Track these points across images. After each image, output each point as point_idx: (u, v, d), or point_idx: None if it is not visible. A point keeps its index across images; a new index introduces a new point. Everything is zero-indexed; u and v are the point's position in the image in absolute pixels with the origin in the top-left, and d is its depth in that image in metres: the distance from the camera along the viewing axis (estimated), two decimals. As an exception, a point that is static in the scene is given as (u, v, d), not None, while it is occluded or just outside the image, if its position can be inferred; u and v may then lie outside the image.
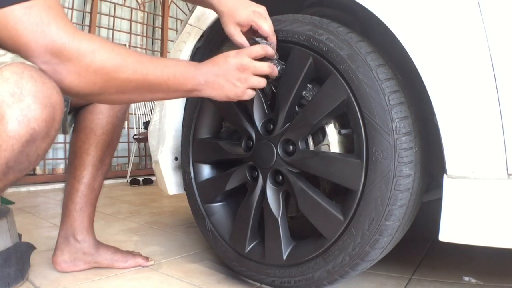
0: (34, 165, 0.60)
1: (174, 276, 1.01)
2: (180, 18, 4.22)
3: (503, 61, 0.62)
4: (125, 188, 2.99)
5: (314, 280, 0.81)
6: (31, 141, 0.54)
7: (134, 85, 0.66)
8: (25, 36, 0.55)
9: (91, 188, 1.03)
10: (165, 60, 0.73)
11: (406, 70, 0.75)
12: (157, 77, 0.68)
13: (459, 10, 0.65)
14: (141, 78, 0.66)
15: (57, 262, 1.00)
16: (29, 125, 0.53)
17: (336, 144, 0.84)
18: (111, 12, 3.64)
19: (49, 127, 0.56)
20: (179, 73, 0.71)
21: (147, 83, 0.67)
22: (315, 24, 0.83)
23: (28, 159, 0.56)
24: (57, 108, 0.57)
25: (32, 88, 0.53)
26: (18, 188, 2.75)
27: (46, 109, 0.54)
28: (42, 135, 0.55)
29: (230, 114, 0.98)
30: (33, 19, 0.55)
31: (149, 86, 0.68)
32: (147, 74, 0.66)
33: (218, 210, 1.04)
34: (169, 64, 0.71)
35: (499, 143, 0.62)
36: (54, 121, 0.57)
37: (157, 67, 0.68)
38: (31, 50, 0.56)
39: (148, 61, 0.67)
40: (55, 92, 0.56)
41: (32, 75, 0.53)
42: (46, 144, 0.57)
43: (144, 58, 0.67)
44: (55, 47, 0.56)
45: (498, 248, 0.65)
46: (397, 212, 0.72)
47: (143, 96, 0.72)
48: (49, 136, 0.57)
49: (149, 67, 0.67)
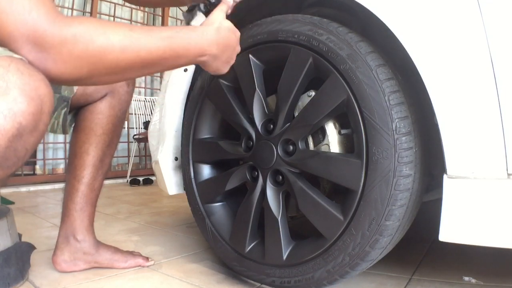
0: (23, 161, 0.57)
1: (174, 276, 1.01)
2: (180, 18, 4.21)
3: (503, 61, 0.62)
4: (125, 188, 2.99)
5: (314, 280, 0.81)
6: (18, 135, 0.52)
7: (125, 64, 0.61)
8: (8, 26, 0.53)
9: (91, 188, 1.03)
10: (161, 30, 0.66)
11: (406, 70, 0.75)
12: (151, 53, 0.62)
13: (459, 10, 0.65)
14: (132, 56, 0.60)
15: (57, 262, 1.00)
16: (16, 119, 0.51)
17: (336, 144, 0.84)
18: (111, 12, 3.64)
19: (37, 120, 0.54)
20: (177, 44, 0.65)
21: (139, 60, 0.61)
22: (315, 24, 0.83)
23: (16, 155, 0.54)
24: (45, 100, 0.54)
25: (18, 81, 0.51)
26: (18, 188, 2.75)
27: (33, 102, 0.52)
28: (30, 129, 0.53)
29: (230, 113, 0.98)
30: (15, 7, 0.52)
31: (142, 63, 0.62)
32: (138, 51, 0.61)
33: (218, 210, 1.04)
34: (165, 35, 0.64)
35: (499, 143, 0.62)
36: (42, 114, 0.54)
37: (150, 41, 0.62)
38: (15, 40, 0.53)
39: (139, 35, 0.61)
40: (43, 85, 0.54)
41: (18, 68, 0.52)
42: (34, 138, 0.55)
43: (134, 32, 0.61)
44: (37, 35, 0.53)
45: (498, 248, 0.65)
46: (397, 212, 0.72)
47: (139, 73, 0.67)
48: (37, 130, 0.55)
49: (140, 42, 0.61)
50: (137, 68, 0.63)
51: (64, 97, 0.96)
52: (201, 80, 1.07)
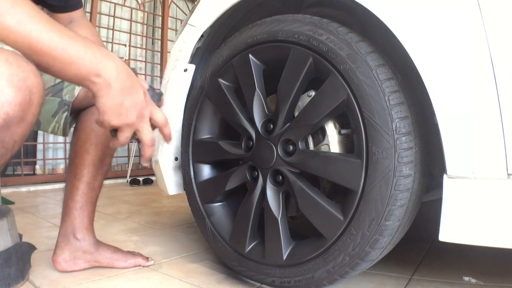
0: (12, 153, 0.57)
1: (174, 276, 1.01)
2: (180, 18, 4.21)
3: (503, 61, 0.62)
4: (125, 188, 2.99)
5: (314, 280, 0.81)
6: (5, 126, 0.52)
7: (13, 38, 0.55)
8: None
9: (91, 187, 1.03)
10: (68, 31, 0.60)
11: (406, 70, 0.75)
12: (41, 41, 0.56)
13: (459, 10, 0.65)
14: (22, 33, 0.55)
15: (57, 261, 1.00)
16: (2, 110, 0.51)
17: (336, 144, 0.84)
18: (111, 12, 3.64)
19: (25, 111, 0.53)
20: (74, 49, 0.58)
21: (27, 42, 0.55)
22: (315, 24, 0.83)
23: (4, 146, 0.54)
24: (34, 91, 0.54)
25: (6, 71, 0.51)
26: (18, 188, 2.75)
27: (20, 93, 0.52)
28: (17, 119, 0.53)
29: (230, 113, 0.98)
30: None
31: (29, 46, 0.56)
32: (30, 31, 0.55)
33: (218, 210, 1.04)
34: (68, 35, 0.59)
35: (499, 143, 0.62)
36: (30, 105, 0.54)
37: (48, 31, 0.57)
38: None
39: (41, 20, 0.56)
40: (32, 75, 0.54)
41: (7, 59, 0.52)
42: (22, 129, 0.55)
43: (39, 15, 0.57)
44: None
45: (498, 248, 0.65)
46: (397, 212, 0.72)
47: (29, 58, 0.58)
48: (25, 121, 0.54)
49: (37, 26, 0.56)
50: (24, 49, 0.56)
51: (65, 101, 0.97)
52: (201, 80, 1.07)
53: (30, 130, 0.58)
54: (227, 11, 1.04)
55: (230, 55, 0.99)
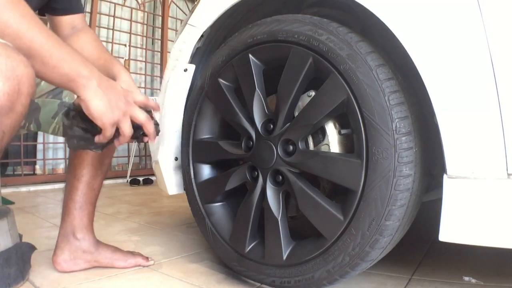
0: (1, 144, 0.56)
1: (174, 276, 1.01)
2: (180, 18, 4.21)
3: (503, 61, 0.62)
4: (125, 188, 2.99)
5: (314, 280, 0.81)
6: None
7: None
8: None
9: (91, 187, 1.03)
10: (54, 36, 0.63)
11: (406, 70, 0.75)
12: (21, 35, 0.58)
13: (459, 10, 0.65)
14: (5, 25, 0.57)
15: (57, 262, 1.00)
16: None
17: (336, 144, 0.84)
18: (111, 12, 3.64)
19: (14, 101, 0.53)
20: (58, 49, 0.61)
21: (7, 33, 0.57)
22: (315, 24, 0.83)
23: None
24: (23, 81, 0.54)
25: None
26: (18, 188, 2.75)
27: (9, 82, 0.52)
28: (6, 110, 0.52)
29: (230, 113, 0.98)
30: None
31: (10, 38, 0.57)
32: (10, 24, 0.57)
33: (218, 210, 1.04)
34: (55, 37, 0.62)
35: (499, 143, 0.62)
36: (20, 95, 0.54)
37: (35, 31, 0.59)
38: None
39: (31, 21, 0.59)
40: (22, 65, 0.54)
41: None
42: (11, 120, 0.54)
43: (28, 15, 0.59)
44: None
45: (498, 248, 0.65)
46: (397, 212, 0.72)
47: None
48: (14, 111, 0.54)
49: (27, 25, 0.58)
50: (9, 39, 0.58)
51: (65, 103, 0.98)
52: (201, 80, 1.07)
53: (20, 121, 0.57)
54: (227, 11, 1.04)
55: (230, 55, 0.99)
